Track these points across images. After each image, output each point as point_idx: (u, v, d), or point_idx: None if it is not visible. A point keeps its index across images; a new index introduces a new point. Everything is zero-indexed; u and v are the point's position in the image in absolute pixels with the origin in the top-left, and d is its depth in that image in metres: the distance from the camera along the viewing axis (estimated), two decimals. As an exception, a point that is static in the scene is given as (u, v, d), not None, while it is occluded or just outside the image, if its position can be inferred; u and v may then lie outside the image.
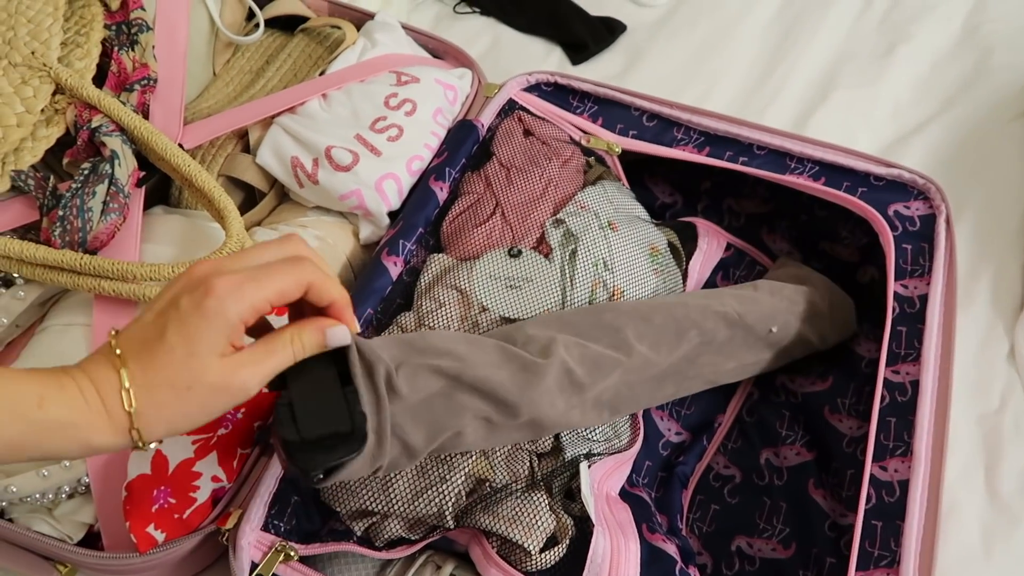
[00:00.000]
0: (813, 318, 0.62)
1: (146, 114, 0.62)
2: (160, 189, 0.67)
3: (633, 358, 0.54)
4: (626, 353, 0.53)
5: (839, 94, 0.88)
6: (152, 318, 0.39)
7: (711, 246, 0.72)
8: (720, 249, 0.74)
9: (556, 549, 0.49)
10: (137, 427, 0.38)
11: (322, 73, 0.72)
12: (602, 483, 0.55)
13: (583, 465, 0.53)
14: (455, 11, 0.99)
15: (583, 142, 0.71)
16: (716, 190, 0.76)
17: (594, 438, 0.57)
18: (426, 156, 0.69)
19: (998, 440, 0.64)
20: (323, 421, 0.41)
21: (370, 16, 0.79)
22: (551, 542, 0.49)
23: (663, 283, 0.65)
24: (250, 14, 0.78)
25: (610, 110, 0.72)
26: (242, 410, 0.54)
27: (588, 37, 0.94)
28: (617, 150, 0.70)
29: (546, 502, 0.51)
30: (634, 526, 0.53)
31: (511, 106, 0.73)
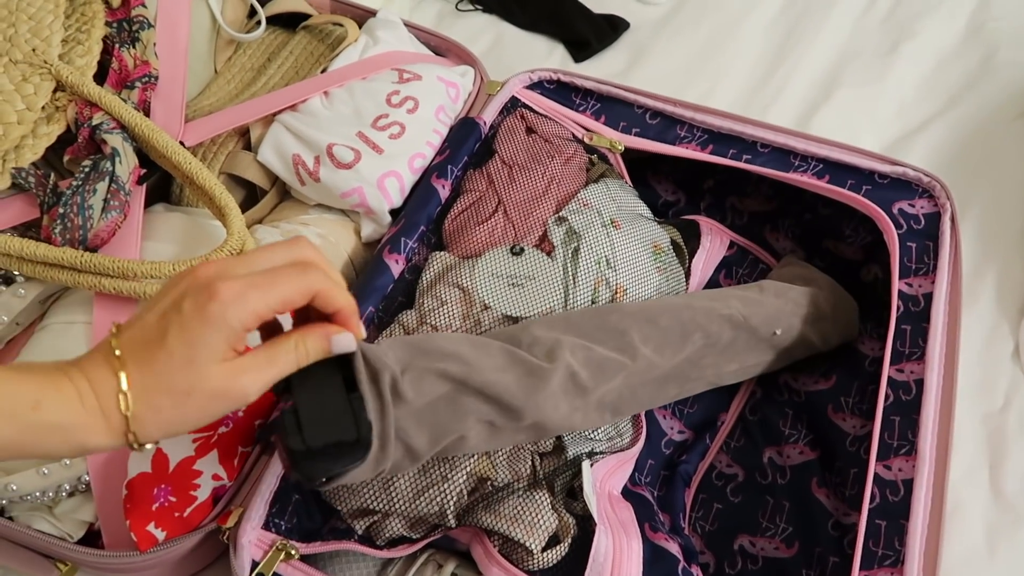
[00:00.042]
0: (817, 320, 0.62)
1: (147, 111, 0.62)
2: (161, 187, 0.67)
3: (638, 361, 0.53)
4: (631, 356, 0.53)
5: (843, 92, 0.87)
6: (154, 319, 0.38)
7: (714, 244, 0.72)
8: (723, 247, 0.73)
9: (558, 548, 0.49)
10: (133, 430, 0.37)
11: (324, 70, 0.72)
12: (604, 482, 0.54)
13: (585, 464, 0.53)
14: (457, 8, 0.99)
15: (586, 140, 0.70)
16: (719, 188, 0.76)
17: (596, 437, 0.57)
18: (428, 154, 0.69)
19: (1002, 439, 0.64)
20: (329, 430, 0.41)
21: (372, 13, 0.79)
22: (553, 541, 0.49)
23: (666, 281, 0.65)
24: (252, 11, 0.78)
25: (613, 108, 0.72)
26: (243, 408, 0.54)
27: (591, 34, 0.94)
28: (620, 148, 0.70)
29: (548, 501, 0.50)
30: (636, 525, 0.52)
31: (513, 104, 0.73)
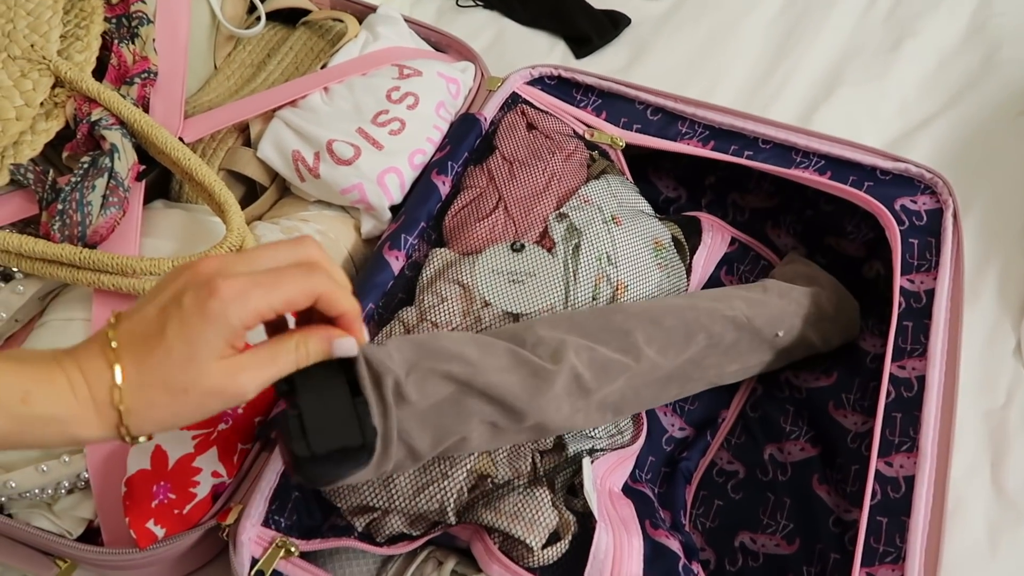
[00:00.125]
0: (819, 321, 0.62)
1: (146, 107, 0.61)
2: (160, 183, 0.67)
3: (642, 362, 0.53)
4: (635, 357, 0.53)
5: (844, 90, 0.87)
6: (153, 313, 0.38)
7: (715, 241, 0.72)
8: (724, 244, 0.73)
9: (558, 545, 0.49)
10: (126, 424, 0.37)
11: (324, 66, 0.72)
12: (605, 479, 0.54)
13: (586, 461, 0.53)
14: (458, 5, 0.99)
15: (587, 136, 0.70)
16: (721, 184, 0.76)
17: (597, 434, 0.56)
18: (428, 150, 0.68)
19: (1004, 436, 0.64)
20: (334, 436, 0.41)
21: (372, 9, 0.79)
22: (553, 538, 0.49)
23: (667, 278, 0.64)
24: (251, 7, 0.78)
25: (614, 104, 0.72)
26: (243, 405, 0.54)
27: (592, 31, 0.93)
28: (621, 144, 0.70)
29: (548, 498, 0.50)
30: (637, 522, 0.52)
31: (514, 100, 0.72)
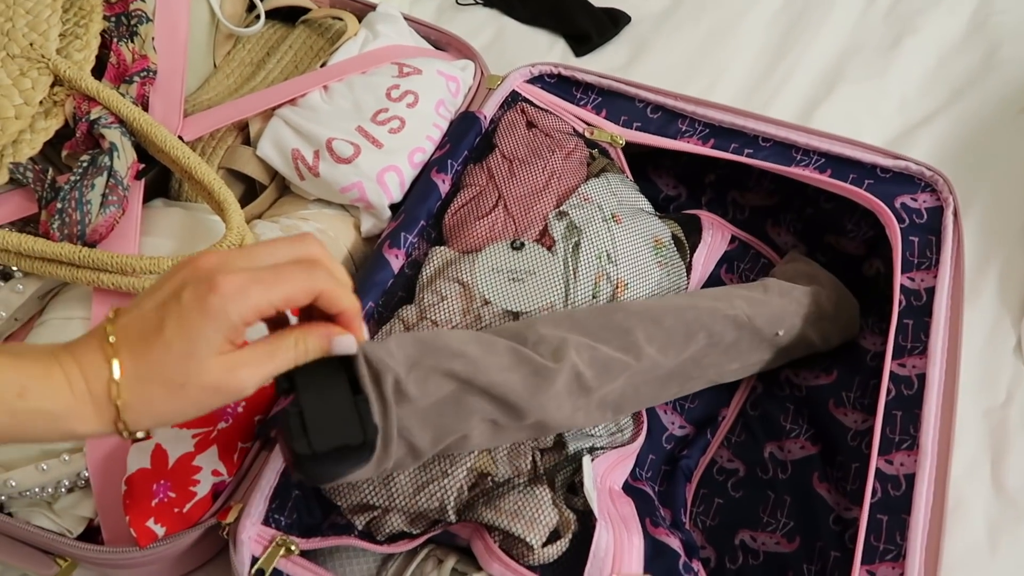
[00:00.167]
0: (819, 321, 0.62)
1: (145, 106, 0.61)
2: (160, 182, 0.67)
3: (642, 361, 0.53)
4: (635, 356, 0.53)
5: (845, 87, 0.87)
6: (152, 308, 0.37)
7: (715, 239, 0.72)
8: (724, 242, 0.73)
9: (559, 543, 0.49)
10: (123, 419, 0.37)
11: (323, 65, 0.72)
12: (605, 477, 0.54)
13: (586, 459, 0.53)
14: (458, 3, 0.99)
15: (587, 134, 0.70)
16: (721, 183, 0.76)
17: (597, 433, 0.56)
18: (428, 148, 0.68)
19: (1004, 434, 0.64)
20: (335, 434, 0.41)
21: (372, 7, 0.78)
22: (554, 536, 0.49)
23: (667, 276, 0.64)
24: (251, 5, 0.77)
25: (614, 102, 0.71)
26: (243, 404, 0.54)
27: (592, 29, 0.93)
28: (621, 142, 0.70)
29: (549, 496, 0.50)
30: (637, 520, 0.52)
31: (514, 98, 0.72)
